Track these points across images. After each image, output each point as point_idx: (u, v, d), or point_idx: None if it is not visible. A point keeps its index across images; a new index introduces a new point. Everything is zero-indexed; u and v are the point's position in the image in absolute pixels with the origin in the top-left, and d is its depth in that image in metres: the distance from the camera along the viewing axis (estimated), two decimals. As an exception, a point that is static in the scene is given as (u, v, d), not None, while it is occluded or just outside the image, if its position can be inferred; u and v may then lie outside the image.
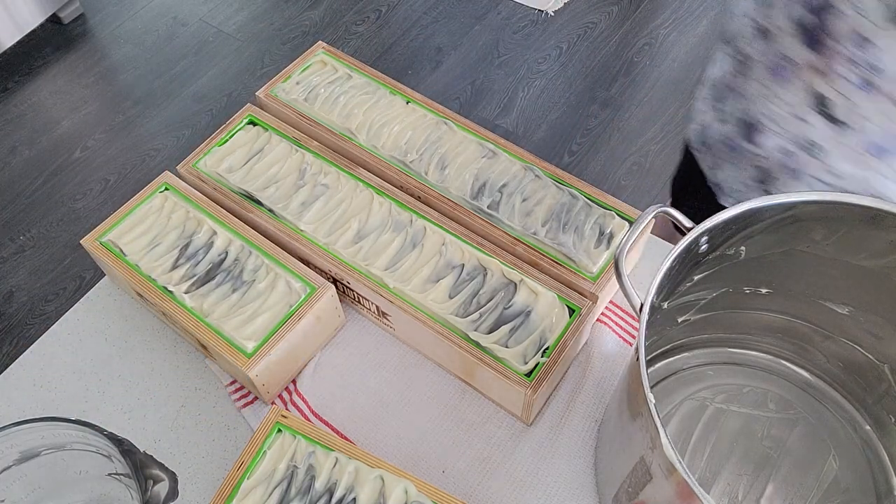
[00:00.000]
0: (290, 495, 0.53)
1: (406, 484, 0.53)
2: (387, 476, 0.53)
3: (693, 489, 0.39)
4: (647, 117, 1.70)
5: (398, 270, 0.64)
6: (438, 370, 0.66)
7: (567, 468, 0.60)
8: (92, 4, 2.02)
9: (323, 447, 0.55)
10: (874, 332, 0.57)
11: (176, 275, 0.65)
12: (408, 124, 0.73)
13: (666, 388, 0.64)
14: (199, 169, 0.72)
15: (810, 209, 0.50)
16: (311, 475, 0.53)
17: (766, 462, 0.61)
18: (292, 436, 0.55)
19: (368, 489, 0.53)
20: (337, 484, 0.53)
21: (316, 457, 0.54)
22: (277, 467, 0.54)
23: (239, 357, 0.60)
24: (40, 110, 1.80)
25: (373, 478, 0.53)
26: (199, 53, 1.90)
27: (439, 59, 1.85)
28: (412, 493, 0.52)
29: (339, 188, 0.69)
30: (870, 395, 0.61)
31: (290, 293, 0.63)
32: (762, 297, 0.60)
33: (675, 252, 0.48)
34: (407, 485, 0.53)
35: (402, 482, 0.53)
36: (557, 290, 0.62)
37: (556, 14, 1.93)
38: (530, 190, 0.68)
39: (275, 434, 0.55)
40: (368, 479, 0.53)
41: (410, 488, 0.53)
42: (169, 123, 1.76)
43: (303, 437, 0.55)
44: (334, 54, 0.79)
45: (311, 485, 0.53)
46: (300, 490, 0.53)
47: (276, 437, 0.55)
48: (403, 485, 0.53)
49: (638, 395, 0.44)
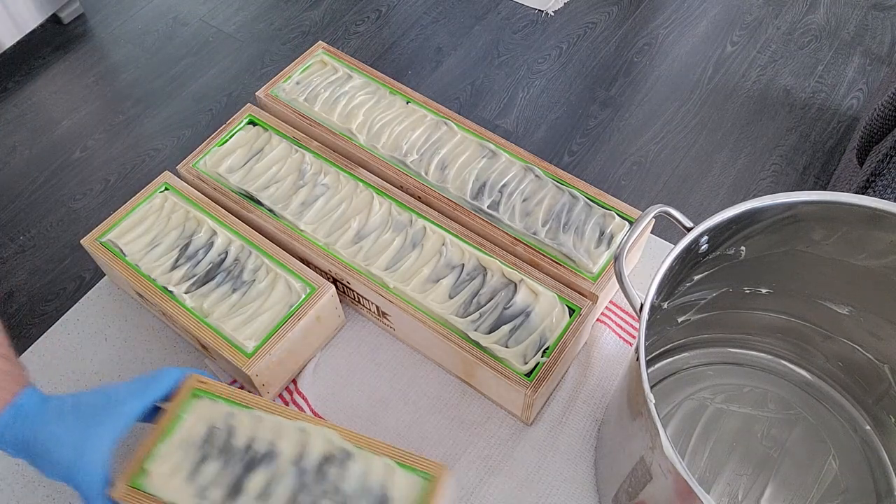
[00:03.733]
0: (209, 455, 0.52)
1: (328, 432, 0.52)
2: (309, 427, 0.53)
3: (693, 489, 0.39)
4: (647, 117, 1.70)
5: (398, 270, 0.64)
6: (438, 370, 0.66)
7: (567, 468, 0.60)
8: (92, 4, 2.02)
9: (242, 406, 0.54)
10: (874, 332, 0.57)
11: (176, 275, 0.65)
12: (408, 124, 0.73)
13: (666, 388, 0.64)
14: (199, 169, 0.71)
15: (810, 209, 0.50)
16: (230, 434, 0.53)
17: (766, 462, 0.61)
18: (211, 400, 0.55)
19: (290, 441, 0.52)
20: (257, 439, 0.53)
21: (235, 416, 0.54)
22: (197, 430, 0.53)
23: (239, 357, 0.60)
24: (40, 110, 1.80)
25: (294, 429, 0.53)
26: (199, 53, 1.90)
27: (439, 59, 1.85)
28: (336, 440, 0.52)
29: (339, 188, 0.69)
30: (870, 395, 0.61)
31: (290, 293, 0.63)
32: (762, 297, 0.60)
33: (675, 252, 0.48)
34: (329, 433, 0.52)
35: (325, 431, 0.52)
36: (557, 290, 0.62)
37: (556, 14, 1.93)
38: (530, 190, 0.68)
39: (193, 400, 0.55)
40: (290, 431, 0.53)
41: (333, 436, 0.52)
42: (169, 123, 1.76)
43: (221, 400, 0.55)
44: (334, 54, 0.79)
45: (231, 443, 0.53)
46: (220, 449, 0.52)
47: (194, 403, 0.55)
48: (325, 433, 0.52)
49: (638, 395, 0.44)
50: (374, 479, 0.50)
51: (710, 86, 1.76)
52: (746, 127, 1.67)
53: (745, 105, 1.71)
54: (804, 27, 1.86)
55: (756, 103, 1.71)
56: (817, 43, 1.82)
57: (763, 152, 1.63)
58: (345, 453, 0.51)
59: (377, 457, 0.51)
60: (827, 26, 1.85)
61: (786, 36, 1.84)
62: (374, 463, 0.51)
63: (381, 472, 0.51)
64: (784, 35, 1.85)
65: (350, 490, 0.50)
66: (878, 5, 1.89)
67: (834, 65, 1.77)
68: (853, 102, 1.70)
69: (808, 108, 1.69)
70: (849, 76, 1.75)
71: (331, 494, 0.50)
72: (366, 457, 0.51)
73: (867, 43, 1.81)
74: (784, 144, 1.64)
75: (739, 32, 1.86)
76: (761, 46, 1.83)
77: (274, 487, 0.50)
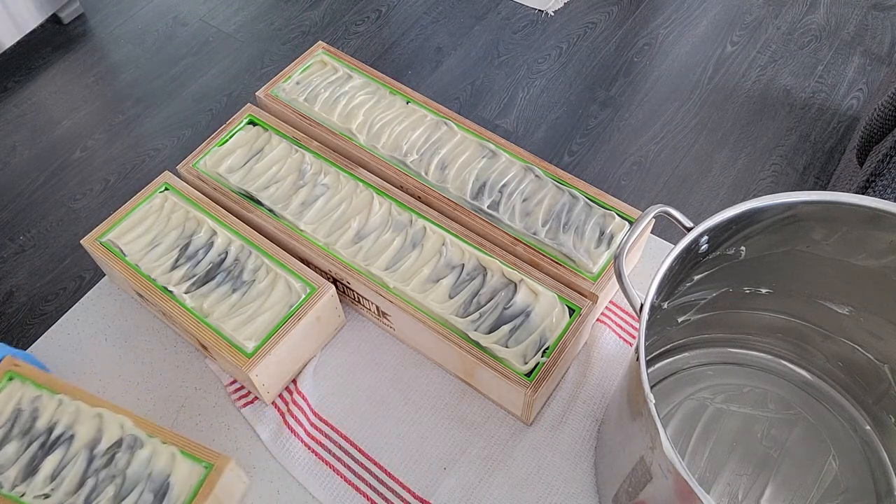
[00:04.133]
0: (10, 435, 0.57)
1: (122, 419, 0.57)
2: (105, 413, 0.57)
3: (693, 489, 0.39)
4: (647, 117, 1.70)
5: (398, 270, 0.64)
6: (438, 370, 0.66)
7: (567, 468, 0.60)
8: (92, 4, 2.02)
9: (49, 391, 0.59)
10: (874, 332, 0.57)
11: (176, 275, 0.65)
12: (408, 124, 0.73)
13: (666, 388, 0.64)
14: (199, 169, 0.72)
15: (810, 209, 0.50)
16: (34, 416, 0.58)
17: (766, 462, 0.61)
18: (21, 382, 0.59)
19: (87, 426, 0.57)
20: (57, 423, 0.57)
21: (42, 400, 0.59)
22: (3, 411, 0.58)
23: (239, 357, 0.60)
24: (40, 110, 1.80)
25: (92, 415, 0.57)
26: (199, 53, 1.90)
27: (439, 59, 1.85)
28: (128, 427, 0.57)
29: (339, 188, 0.69)
30: (870, 395, 0.61)
31: (290, 293, 0.63)
32: (762, 297, 0.60)
33: (675, 252, 0.48)
34: (123, 420, 0.57)
35: (119, 418, 0.57)
36: (557, 290, 0.62)
37: (556, 14, 1.93)
38: (530, 190, 0.68)
39: (6, 381, 0.60)
40: (88, 416, 0.57)
41: (126, 423, 0.57)
42: (169, 123, 1.76)
43: (31, 383, 0.59)
44: (334, 54, 0.79)
45: (33, 425, 0.58)
46: (22, 430, 0.57)
47: (6, 384, 0.60)
48: (119, 420, 0.57)
49: (638, 395, 0.44)
50: (157, 466, 0.56)
51: (710, 86, 1.76)
52: (746, 127, 1.67)
53: (745, 105, 1.71)
54: (804, 27, 1.86)
55: (756, 103, 1.71)
56: (817, 43, 1.82)
57: (763, 152, 1.63)
58: (135, 440, 0.56)
59: (164, 445, 0.56)
60: (827, 26, 1.86)
61: (786, 36, 1.84)
62: (161, 450, 0.56)
63: (165, 460, 0.56)
64: (784, 35, 1.85)
65: (134, 475, 0.55)
66: (878, 5, 1.89)
67: (834, 65, 1.77)
68: (853, 102, 1.70)
69: (808, 108, 1.69)
70: (849, 76, 1.75)
71: (116, 479, 0.55)
72: (154, 444, 0.56)
73: (867, 43, 1.81)
74: (784, 144, 1.64)
75: (739, 32, 1.86)
76: (761, 46, 1.83)
77: (67, 470, 0.55)
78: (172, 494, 0.54)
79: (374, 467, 0.61)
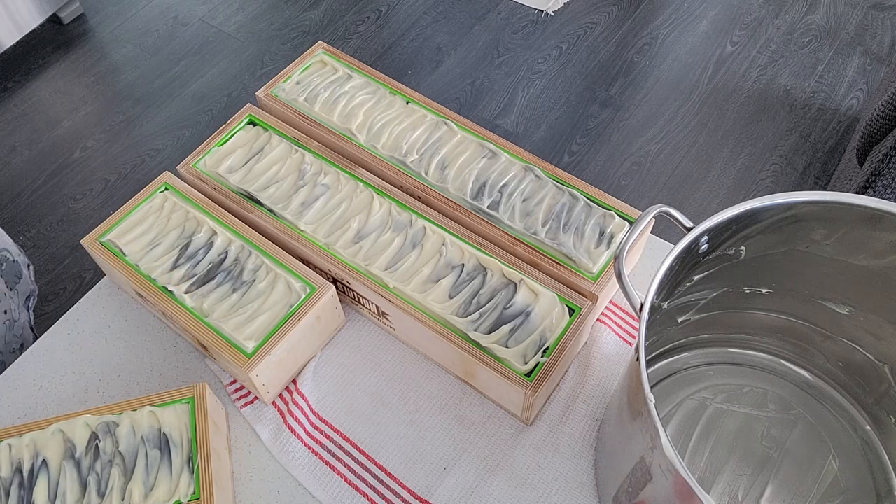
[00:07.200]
0: None
1: (85, 419, 0.57)
2: (63, 425, 0.57)
3: (693, 489, 0.39)
4: (647, 117, 1.70)
5: (398, 270, 0.64)
6: (438, 370, 0.66)
7: (567, 468, 0.60)
8: (92, 4, 2.02)
9: None
10: (874, 332, 0.57)
11: (176, 275, 0.65)
12: (408, 124, 0.73)
13: (666, 388, 0.64)
14: (199, 169, 0.72)
15: (810, 209, 0.50)
16: None
17: (766, 462, 0.61)
18: None
19: (52, 446, 0.56)
20: (22, 459, 0.56)
21: None
22: None
23: (239, 357, 0.60)
24: (40, 110, 1.80)
25: (50, 434, 0.57)
26: (199, 53, 1.90)
27: (439, 59, 1.85)
28: (92, 422, 0.57)
29: (339, 188, 0.69)
30: (870, 395, 0.61)
31: (290, 293, 0.63)
32: (762, 297, 0.60)
33: (675, 252, 0.48)
34: (86, 419, 0.57)
35: (81, 419, 0.57)
36: (557, 290, 0.62)
37: (556, 14, 1.93)
38: (530, 190, 0.68)
39: None
40: (47, 438, 0.56)
41: (90, 419, 0.57)
42: (169, 123, 1.76)
43: None
44: (334, 54, 0.79)
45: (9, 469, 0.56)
46: None
47: None
48: (82, 421, 0.57)
49: (638, 395, 0.44)
50: (143, 429, 0.57)
51: (710, 86, 1.76)
52: (746, 127, 1.67)
53: (745, 105, 1.71)
54: (804, 27, 1.86)
55: (756, 103, 1.71)
56: (817, 43, 1.82)
57: (763, 152, 1.63)
58: (107, 425, 0.57)
59: (137, 412, 0.57)
60: (827, 26, 1.86)
61: (786, 36, 1.84)
62: (138, 417, 0.57)
63: (148, 421, 0.57)
64: (784, 35, 1.85)
65: (128, 448, 0.56)
66: (878, 5, 1.89)
67: (834, 65, 1.77)
68: (853, 102, 1.70)
69: (808, 108, 1.70)
70: (849, 76, 1.75)
71: (115, 461, 0.55)
72: (129, 417, 0.57)
73: (867, 43, 1.81)
74: (784, 144, 1.64)
75: (739, 32, 1.86)
76: (761, 46, 1.83)
77: (61, 485, 0.55)
78: (174, 439, 0.56)
79: (374, 467, 0.61)
